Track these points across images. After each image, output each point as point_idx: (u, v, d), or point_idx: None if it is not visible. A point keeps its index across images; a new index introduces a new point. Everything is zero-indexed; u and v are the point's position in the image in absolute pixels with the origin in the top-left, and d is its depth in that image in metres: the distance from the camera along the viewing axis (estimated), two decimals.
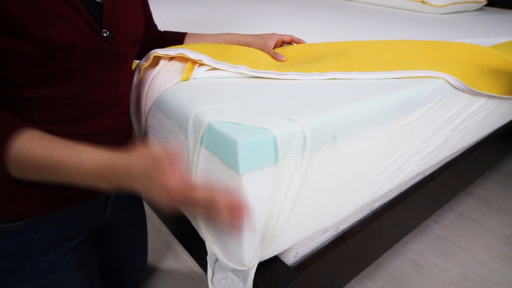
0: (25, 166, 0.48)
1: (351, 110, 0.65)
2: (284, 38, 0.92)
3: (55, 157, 0.47)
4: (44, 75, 0.52)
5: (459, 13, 1.79)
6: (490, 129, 1.17)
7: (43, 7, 0.49)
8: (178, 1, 1.94)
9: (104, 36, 0.57)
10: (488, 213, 1.42)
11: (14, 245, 0.61)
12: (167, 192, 0.44)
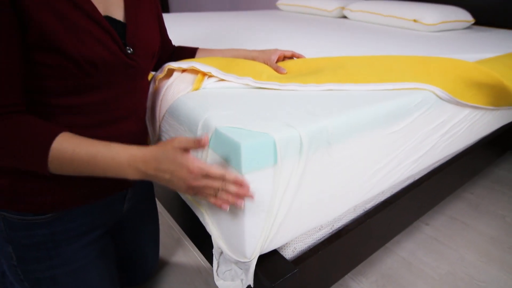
0: (66, 162, 0.51)
1: (344, 117, 0.66)
2: (286, 53, 0.93)
3: (93, 152, 0.51)
4: (75, 86, 0.55)
5: (448, 31, 1.78)
6: (477, 137, 1.16)
7: (78, 28, 0.52)
8: (192, 18, 1.98)
9: (128, 52, 0.60)
10: (476, 216, 1.42)
11: (43, 235, 0.63)
12: (189, 171, 0.49)
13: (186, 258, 1.18)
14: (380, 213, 0.89)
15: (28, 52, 0.50)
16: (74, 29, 0.52)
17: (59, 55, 0.51)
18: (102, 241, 0.75)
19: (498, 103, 1.05)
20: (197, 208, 0.70)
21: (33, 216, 0.61)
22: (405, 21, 1.81)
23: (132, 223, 0.88)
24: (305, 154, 0.59)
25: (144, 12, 0.66)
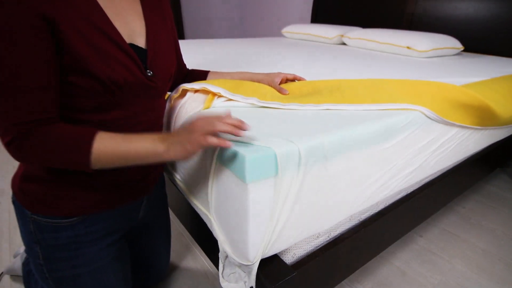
0: (108, 158, 0.54)
1: (339, 134, 0.66)
2: (288, 76, 0.95)
3: (131, 144, 0.54)
4: (102, 103, 0.58)
5: (439, 57, 1.79)
6: (466, 154, 1.16)
7: (106, 54, 0.54)
8: (205, 44, 2.02)
9: (148, 75, 0.62)
10: (468, 229, 1.40)
11: (67, 237, 0.64)
12: (199, 120, 0.54)
13: (194, 263, 1.19)
14: (374, 223, 0.89)
15: (63, 73, 0.53)
16: (103, 54, 0.54)
17: (89, 77, 0.53)
18: (119, 245, 0.75)
19: (484, 123, 1.05)
20: (205, 215, 0.71)
21: (60, 219, 0.63)
22: (399, 48, 1.83)
23: (146, 229, 0.88)
24: (303, 167, 0.60)
25: (163, 40, 0.68)
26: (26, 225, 0.64)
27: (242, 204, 0.57)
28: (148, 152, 0.55)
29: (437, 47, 1.76)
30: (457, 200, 1.61)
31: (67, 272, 0.67)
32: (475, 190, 1.71)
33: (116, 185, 0.66)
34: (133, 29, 0.62)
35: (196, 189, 0.75)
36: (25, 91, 0.49)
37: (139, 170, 0.69)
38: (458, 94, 0.93)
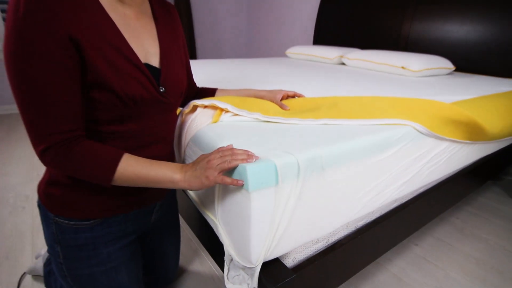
0: (128, 179, 0.58)
1: (336, 147, 0.67)
2: (289, 93, 0.96)
3: (151, 172, 0.58)
4: (119, 116, 0.60)
5: (432, 76, 1.79)
6: (457, 167, 1.16)
7: (124, 72, 0.57)
8: (215, 64, 2.05)
9: (161, 91, 0.64)
10: (461, 238, 1.38)
11: (85, 238, 0.66)
12: (212, 154, 0.59)
13: (201, 267, 1.19)
14: (370, 230, 0.89)
15: (86, 89, 0.55)
16: (121, 73, 0.56)
17: (108, 92, 0.56)
18: (132, 246, 0.76)
19: (473, 138, 1.05)
20: (212, 221, 0.72)
21: (79, 221, 0.64)
22: (395, 68, 1.84)
23: (158, 233, 0.89)
24: (302, 177, 0.61)
25: (175, 60, 0.70)
26: (49, 227, 0.66)
27: (245, 211, 0.58)
28: (166, 179, 0.59)
29: (430, 67, 1.77)
30: (450, 211, 1.59)
31: (84, 270, 0.68)
32: (468, 201, 1.69)
33: (132, 192, 0.68)
34: (148, 50, 0.65)
35: (204, 197, 0.76)
36: (57, 104, 0.51)
37: None
38: (448, 111, 0.94)
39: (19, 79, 0.49)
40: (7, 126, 2.68)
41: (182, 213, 1.07)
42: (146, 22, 0.66)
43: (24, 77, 0.49)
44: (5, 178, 1.79)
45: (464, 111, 0.96)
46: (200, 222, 0.93)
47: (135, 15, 0.63)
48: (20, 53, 0.48)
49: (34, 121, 0.51)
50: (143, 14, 0.66)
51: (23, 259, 1.19)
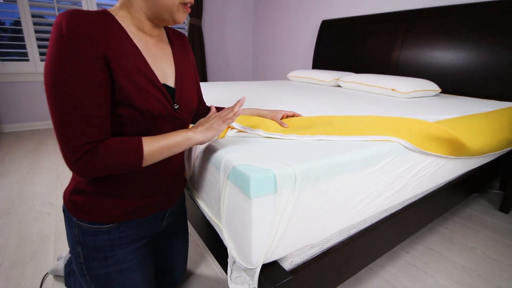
0: (154, 155, 0.60)
1: (329, 160, 0.69)
2: (288, 113, 0.98)
3: (169, 141, 0.62)
4: (139, 130, 0.62)
5: (420, 98, 1.80)
6: (443, 180, 1.15)
7: (145, 92, 0.59)
8: (224, 85, 2.08)
9: (176, 108, 0.67)
10: (449, 247, 1.36)
11: (103, 240, 0.67)
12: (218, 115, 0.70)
13: (207, 271, 1.18)
14: (362, 237, 0.89)
15: (114, 106, 0.58)
16: (143, 92, 0.59)
17: (132, 109, 0.58)
18: (145, 249, 0.77)
19: (456, 153, 1.06)
20: (217, 225, 0.73)
21: (99, 225, 0.66)
22: (385, 90, 1.85)
23: (168, 238, 0.90)
24: (298, 186, 0.62)
25: (187, 81, 0.73)
26: (72, 229, 0.67)
27: (247, 216, 0.60)
28: (183, 139, 0.63)
29: (417, 89, 1.78)
30: (439, 221, 1.57)
31: (101, 270, 0.69)
32: (456, 213, 1.67)
33: (147, 197, 0.70)
34: (165, 72, 0.68)
35: (210, 203, 0.77)
36: (90, 118, 0.53)
37: (165, 186, 0.73)
38: (432, 129, 0.95)
39: (58, 95, 0.51)
40: (37, 140, 2.75)
41: (190, 219, 1.08)
42: (164, 49, 0.70)
43: (63, 93, 0.51)
44: (33, 187, 1.82)
45: (446, 129, 0.97)
46: (207, 228, 0.94)
47: (155, 42, 0.67)
48: (60, 72, 0.50)
49: (68, 134, 0.52)
50: (162, 42, 0.70)
51: (46, 260, 1.20)
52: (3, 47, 2.81)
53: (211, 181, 0.74)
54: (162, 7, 0.60)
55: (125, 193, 0.67)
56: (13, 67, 2.87)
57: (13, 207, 1.59)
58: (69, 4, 2.98)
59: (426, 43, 2.19)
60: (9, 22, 2.80)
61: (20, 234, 1.36)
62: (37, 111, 3.09)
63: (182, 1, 0.61)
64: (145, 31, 0.64)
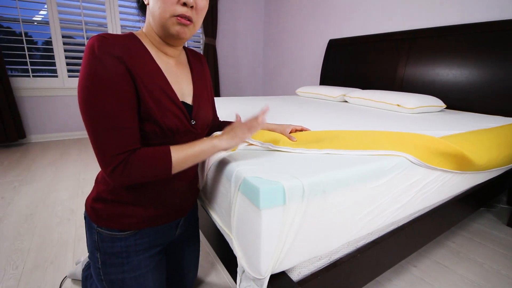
0: (182, 159, 0.60)
1: (336, 174, 0.68)
2: (297, 127, 0.99)
3: (196, 149, 0.62)
4: (159, 144, 0.63)
5: (425, 113, 1.78)
6: (449, 194, 1.12)
7: (165, 108, 0.61)
8: (236, 100, 2.11)
9: (192, 123, 0.68)
10: (457, 261, 1.31)
11: (120, 247, 0.67)
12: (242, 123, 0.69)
13: (217, 279, 1.17)
14: (369, 250, 0.86)
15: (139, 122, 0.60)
16: (163, 108, 0.61)
17: (153, 124, 0.60)
18: (159, 257, 0.77)
19: (462, 168, 1.03)
20: (227, 235, 0.73)
21: (117, 232, 0.67)
22: (391, 106, 1.83)
23: (180, 246, 0.89)
24: (306, 199, 0.62)
25: (204, 99, 0.75)
26: (92, 235, 0.68)
27: (256, 227, 0.59)
28: (209, 147, 0.63)
29: (423, 105, 1.76)
30: (447, 235, 1.52)
31: (117, 275, 0.69)
32: (463, 227, 1.61)
33: (162, 206, 0.71)
34: (184, 90, 0.70)
35: (221, 213, 0.77)
36: (123, 129, 0.55)
37: (180, 195, 0.74)
38: (437, 144, 0.93)
39: (92, 109, 0.53)
40: (61, 150, 2.82)
41: (202, 228, 1.07)
42: (183, 69, 0.72)
43: (97, 107, 0.53)
44: (56, 194, 1.86)
45: (451, 144, 0.95)
46: (218, 238, 0.93)
47: (175, 63, 0.70)
48: (93, 88, 0.53)
49: (104, 145, 0.54)
50: (181, 63, 0.72)
51: (65, 264, 1.21)
52: (35, 64, 2.95)
53: (223, 192, 0.74)
54: (158, 21, 0.61)
55: (143, 202, 0.67)
56: (43, 82, 3.00)
57: (37, 212, 1.63)
58: (95, 26, 3.11)
59: (430, 61, 2.18)
60: (41, 41, 2.94)
61: (42, 238, 1.39)
62: (62, 123, 3.19)
63: (173, 13, 0.59)
64: (164, 51, 0.67)
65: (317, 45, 3.37)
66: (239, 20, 4.10)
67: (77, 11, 2.94)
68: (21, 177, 2.12)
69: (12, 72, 2.88)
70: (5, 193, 1.84)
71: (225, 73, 4.17)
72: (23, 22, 2.76)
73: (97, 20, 3.10)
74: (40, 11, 2.84)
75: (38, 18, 2.85)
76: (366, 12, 2.74)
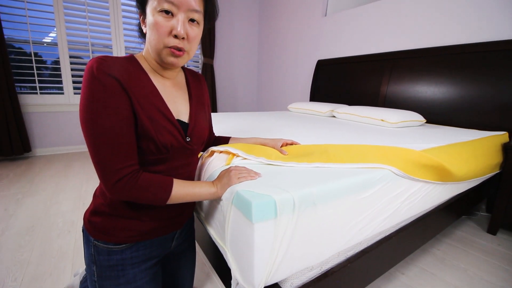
0: (178, 198, 0.60)
1: (325, 186, 0.67)
2: (288, 141, 0.98)
3: (195, 190, 0.62)
4: (154, 160, 0.62)
5: (406, 127, 1.79)
6: (433, 203, 1.11)
7: (160, 126, 0.60)
8: (231, 116, 2.11)
9: (187, 141, 0.67)
10: (442, 268, 1.29)
11: (116, 260, 0.65)
12: (232, 170, 0.66)
13: None
14: (359, 259, 0.85)
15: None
16: (157, 126, 0.60)
17: (148, 141, 0.59)
18: (154, 269, 0.74)
19: (443, 179, 1.03)
20: (222, 248, 0.70)
21: (113, 245, 0.64)
22: (375, 120, 1.85)
23: (176, 257, 0.86)
24: (297, 211, 0.61)
25: (200, 117, 0.74)
26: (89, 248, 0.66)
27: (249, 240, 0.58)
28: (206, 193, 0.63)
29: (404, 120, 1.77)
30: (432, 243, 1.50)
31: None
32: (447, 234, 1.59)
33: (159, 220, 0.68)
34: (180, 109, 0.69)
35: (216, 226, 0.75)
36: (122, 145, 0.55)
37: (177, 209, 0.71)
38: (419, 157, 0.93)
39: (92, 127, 0.53)
40: (64, 163, 2.77)
41: (198, 240, 1.04)
42: (180, 89, 0.72)
43: (97, 124, 0.52)
44: (58, 206, 1.81)
45: (432, 157, 0.95)
46: (213, 249, 0.90)
47: (172, 84, 0.69)
48: (94, 107, 0.52)
49: (104, 160, 0.54)
50: (178, 83, 0.72)
51: (64, 276, 1.16)
52: (43, 82, 2.93)
53: (217, 205, 0.73)
54: (154, 50, 0.61)
55: (139, 215, 0.65)
56: (49, 99, 2.97)
57: (38, 224, 1.57)
58: (101, 47, 3.13)
59: (410, 79, 2.22)
60: (50, 61, 2.94)
61: (42, 250, 1.33)
62: (66, 137, 3.15)
63: (166, 45, 0.59)
64: (162, 74, 0.66)
65: (306, 65, 3.43)
66: (235, 42, 4.17)
67: (84, 33, 2.96)
68: (24, 189, 2.06)
69: (21, 89, 2.85)
70: (9, 205, 1.78)
71: (222, 90, 4.21)
72: (33, 44, 2.76)
73: (102, 41, 3.12)
74: (50, 33, 2.85)
75: (48, 39, 2.86)
76: (352, 35, 2.81)
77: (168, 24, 0.57)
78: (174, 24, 0.57)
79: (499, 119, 1.73)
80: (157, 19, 0.57)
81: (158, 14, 0.57)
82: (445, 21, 2.05)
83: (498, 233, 1.63)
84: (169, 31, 0.58)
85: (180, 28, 0.57)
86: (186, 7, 0.58)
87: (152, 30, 0.58)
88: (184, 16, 0.58)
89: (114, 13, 3.10)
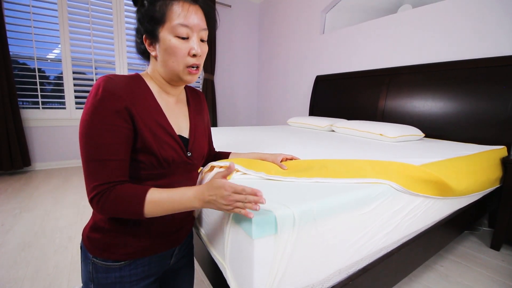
0: (156, 206, 0.56)
1: (325, 202, 0.67)
2: (287, 156, 0.98)
3: (172, 196, 0.56)
4: (155, 174, 0.63)
5: (405, 142, 1.80)
6: (434, 219, 1.11)
7: (161, 140, 0.61)
8: (231, 130, 2.12)
9: (188, 155, 0.68)
10: (446, 286, 1.26)
11: (115, 277, 0.64)
12: (225, 189, 0.54)
13: None
14: (360, 277, 0.82)
15: (134, 152, 0.59)
16: (160, 141, 0.61)
17: (150, 155, 0.60)
18: (153, 286, 0.72)
19: (443, 194, 1.03)
20: (221, 264, 0.70)
21: (111, 262, 0.63)
22: (374, 135, 1.86)
23: (175, 274, 0.84)
24: (297, 227, 0.60)
25: (200, 132, 0.75)
26: (87, 266, 0.64)
27: (249, 256, 0.57)
28: (187, 206, 0.57)
29: (403, 134, 1.78)
30: (435, 259, 1.48)
31: None
32: (450, 250, 1.57)
33: (157, 236, 0.68)
34: (181, 125, 0.70)
35: (215, 242, 0.74)
36: (114, 161, 0.55)
37: (175, 224, 0.71)
38: (418, 172, 0.94)
39: (87, 142, 0.54)
40: (64, 177, 2.76)
41: (197, 256, 1.02)
42: (182, 106, 0.74)
43: (91, 140, 0.54)
44: (55, 221, 1.79)
45: (432, 172, 0.95)
46: (212, 266, 0.89)
47: (174, 101, 0.71)
48: (92, 122, 0.54)
49: (90, 174, 0.54)
50: (180, 100, 0.74)
51: None
52: (45, 97, 2.97)
53: (217, 221, 0.72)
54: (172, 72, 0.64)
55: (138, 231, 0.65)
56: (51, 113, 3.01)
57: (35, 239, 1.55)
58: (104, 63, 3.20)
59: (408, 94, 2.26)
60: (53, 76, 2.99)
61: (38, 267, 1.30)
62: (66, 151, 3.15)
63: (186, 65, 0.64)
64: (167, 91, 0.69)
65: (305, 80, 3.50)
66: (235, 58, 4.27)
67: (88, 50, 3.04)
68: (23, 204, 2.04)
69: (23, 103, 2.89)
70: (6, 220, 1.76)
71: (222, 105, 4.26)
72: (38, 60, 2.83)
73: (106, 58, 3.19)
74: (54, 49, 2.92)
75: (52, 56, 2.93)
76: (349, 52, 2.88)
77: (186, 46, 0.62)
78: (192, 46, 0.63)
79: (497, 133, 1.75)
80: (175, 44, 0.61)
81: (175, 39, 0.61)
82: (441, 37, 2.11)
83: (501, 248, 1.60)
84: (187, 53, 0.63)
85: (197, 48, 0.63)
86: (198, 28, 0.63)
87: (170, 53, 0.62)
88: (197, 36, 0.64)
89: (118, 30, 3.19)
